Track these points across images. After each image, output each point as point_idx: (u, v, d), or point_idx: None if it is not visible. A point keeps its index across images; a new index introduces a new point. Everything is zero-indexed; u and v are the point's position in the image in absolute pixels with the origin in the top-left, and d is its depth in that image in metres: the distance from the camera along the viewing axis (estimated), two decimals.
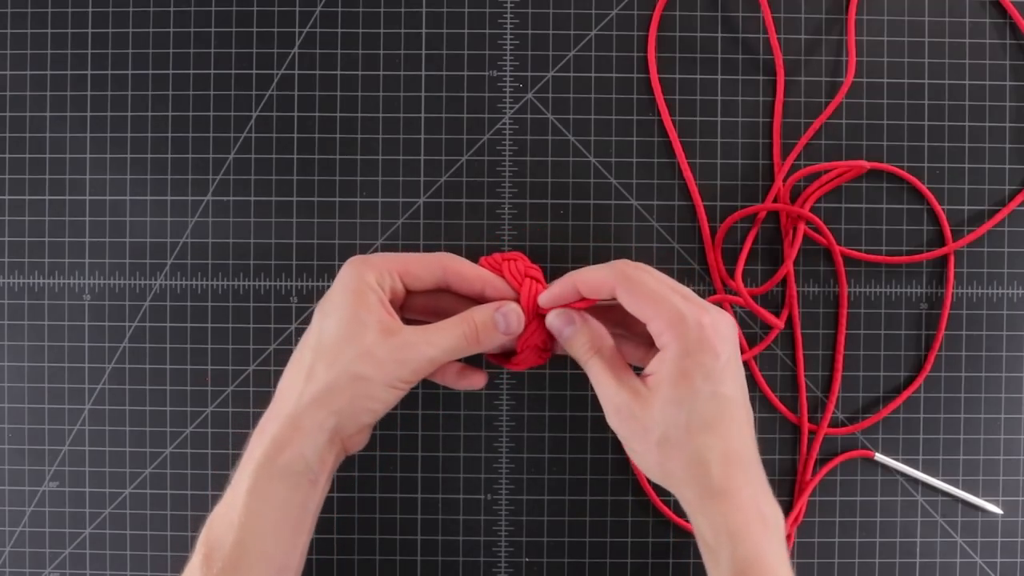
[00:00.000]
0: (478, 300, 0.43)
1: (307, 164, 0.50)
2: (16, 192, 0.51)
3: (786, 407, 0.50)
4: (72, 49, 0.50)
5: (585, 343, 0.41)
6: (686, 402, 0.37)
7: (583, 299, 0.42)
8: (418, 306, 0.44)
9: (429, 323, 0.42)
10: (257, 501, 0.38)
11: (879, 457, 0.50)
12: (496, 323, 0.41)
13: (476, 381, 0.45)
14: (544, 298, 0.42)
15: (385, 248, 0.50)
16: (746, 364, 0.50)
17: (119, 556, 0.50)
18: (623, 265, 0.40)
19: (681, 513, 0.49)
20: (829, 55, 0.51)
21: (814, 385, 0.51)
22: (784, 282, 0.50)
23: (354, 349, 0.38)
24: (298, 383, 0.39)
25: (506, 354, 0.45)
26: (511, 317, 0.42)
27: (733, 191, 0.50)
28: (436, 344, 0.40)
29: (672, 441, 0.38)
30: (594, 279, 0.40)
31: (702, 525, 0.38)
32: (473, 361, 0.48)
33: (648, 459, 0.39)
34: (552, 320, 0.42)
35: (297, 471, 0.39)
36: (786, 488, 0.50)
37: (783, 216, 0.50)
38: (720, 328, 0.38)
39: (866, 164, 0.48)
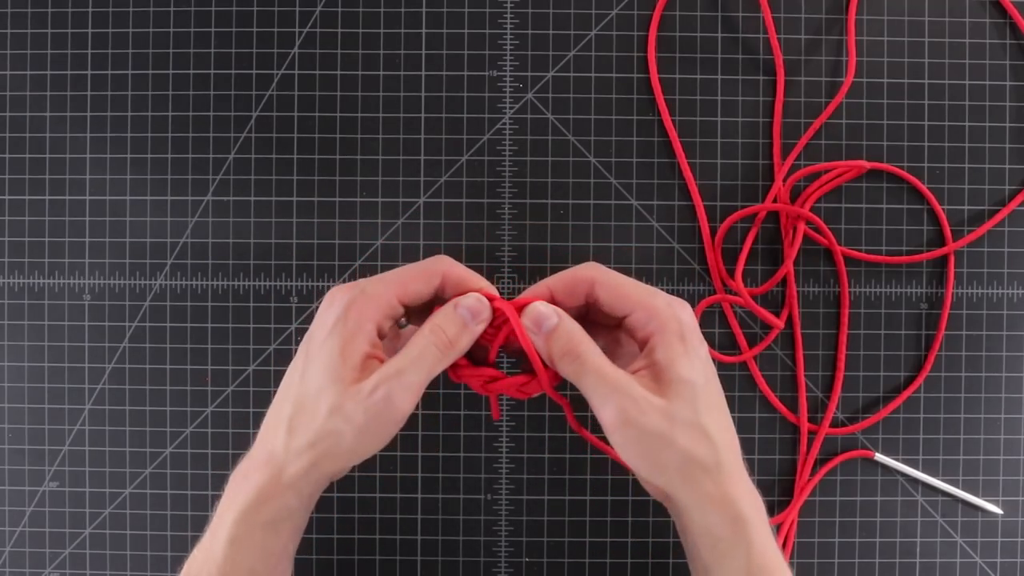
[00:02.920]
0: None
1: (307, 164, 0.50)
2: (16, 192, 0.51)
3: (786, 407, 0.50)
4: (72, 49, 0.50)
5: (571, 338, 0.38)
6: (690, 382, 0.37)
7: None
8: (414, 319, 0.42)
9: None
10: (238, 551, 0.37)
11: (879, 457, 0.50)
12: (459, 314, 0.39)
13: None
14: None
15: (385, 249, 0.50)
16: (746, 364, 0.50)
17: (119, 556, 0.50)
18: (594, 264, 0.40)
19: None
20: (829, 55, 0.50)
21: (814, 385, 0.51)
22: (784, 282, 0.50)
23: (328, 402, 0.36)
24: (281, 433, 0.37)
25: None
26: (470, 301, 0.39)
27: (733, 191, 0.50)
28: (408, 383, 0.37)
29: (686, 422, 0.36)
30: (569, 279, 0.39)
31: (711, 518, 0.37)
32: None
33: (665, 456, 0.37)
34: (530, 313, 0.39)
35: (281, 519, 0.38)
36: (786, 488, 0.50)
37: (783, 216, 0.50)
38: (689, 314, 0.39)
39: (866, 164, 0.48)
